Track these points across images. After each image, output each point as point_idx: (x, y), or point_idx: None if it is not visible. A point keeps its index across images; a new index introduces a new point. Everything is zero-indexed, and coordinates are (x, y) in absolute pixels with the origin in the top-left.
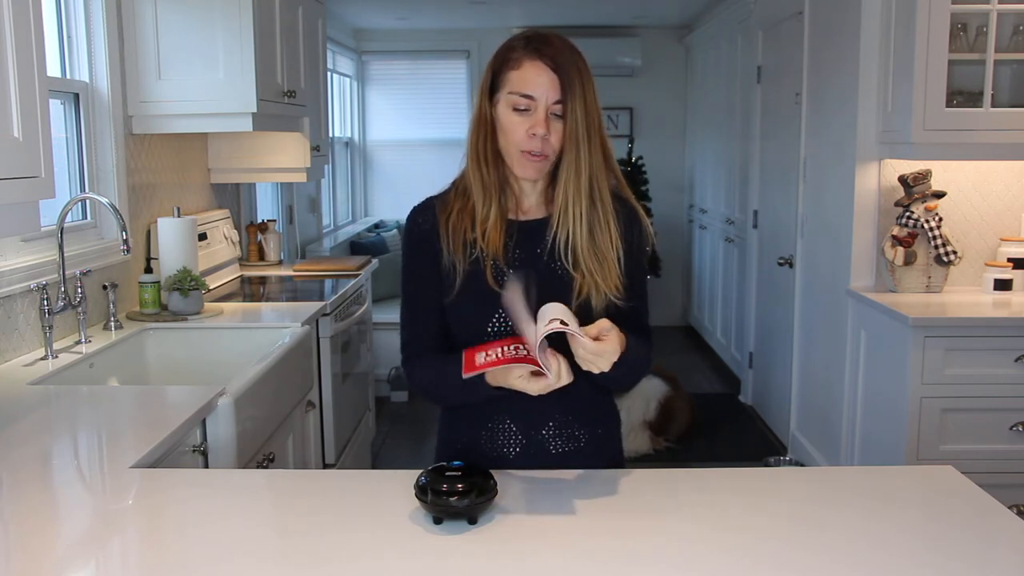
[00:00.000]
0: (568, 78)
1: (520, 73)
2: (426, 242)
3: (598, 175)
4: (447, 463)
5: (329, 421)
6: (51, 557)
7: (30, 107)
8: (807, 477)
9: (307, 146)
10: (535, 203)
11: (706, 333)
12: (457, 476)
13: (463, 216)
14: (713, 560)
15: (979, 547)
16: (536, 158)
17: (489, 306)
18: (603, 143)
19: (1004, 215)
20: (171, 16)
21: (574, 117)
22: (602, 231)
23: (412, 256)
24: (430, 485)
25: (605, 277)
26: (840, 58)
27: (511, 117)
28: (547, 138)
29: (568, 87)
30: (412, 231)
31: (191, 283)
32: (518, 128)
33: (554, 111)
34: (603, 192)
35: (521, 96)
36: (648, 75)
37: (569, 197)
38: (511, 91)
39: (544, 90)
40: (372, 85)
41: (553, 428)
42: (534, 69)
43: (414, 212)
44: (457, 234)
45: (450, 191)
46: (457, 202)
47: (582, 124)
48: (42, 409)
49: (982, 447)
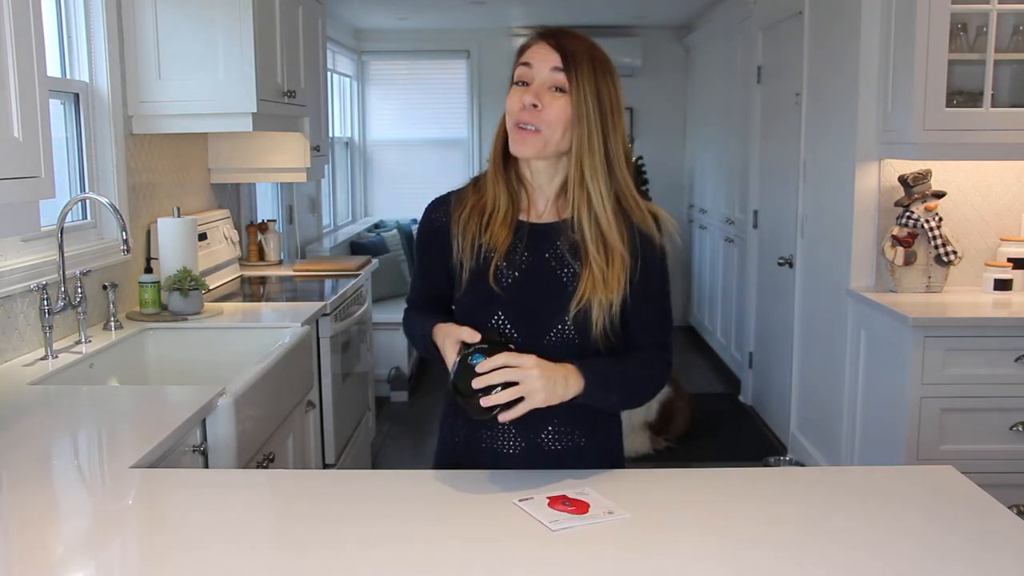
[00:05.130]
0: (572, 55)
1: (525, 54)
2: (441, 235)
3: (619, 163)
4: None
5: (329, 421)
6: (51, 557)
7: (30, 107)
8: (807, 477)
9: (307, 146)
10: (548, 207)
11: (706, 333)
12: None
13: (474, 213)
14: (713, 560)
15: (979, 547)
16: (527, 132)
17: (489, 305)
18: (624, 138)
19: (1004, 215)
20: (171, 16)
21: (582, 94)
22: (617, 226)
23: (425, 246)
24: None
25: (608, 278)
26: (840, 58)
27: (512, 94)
28: (540, 110)
29: (572, 61)
30: (426, 224)
31: (191, 283)
32: (514, 101)
33: (555, 83)
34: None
35: (522, 64)
36: (648, 75)
37: (584, 170)
38: (518, 64)
39: (542, 60)
40: (372, 85)
41: (552, 432)
42: (537, 45)
43: (431, 206)
44: (467, 231)
45: (469, 186)
46: (472, 198)
47: (594, 106)
48: (42, 409)
49: (982, 447)
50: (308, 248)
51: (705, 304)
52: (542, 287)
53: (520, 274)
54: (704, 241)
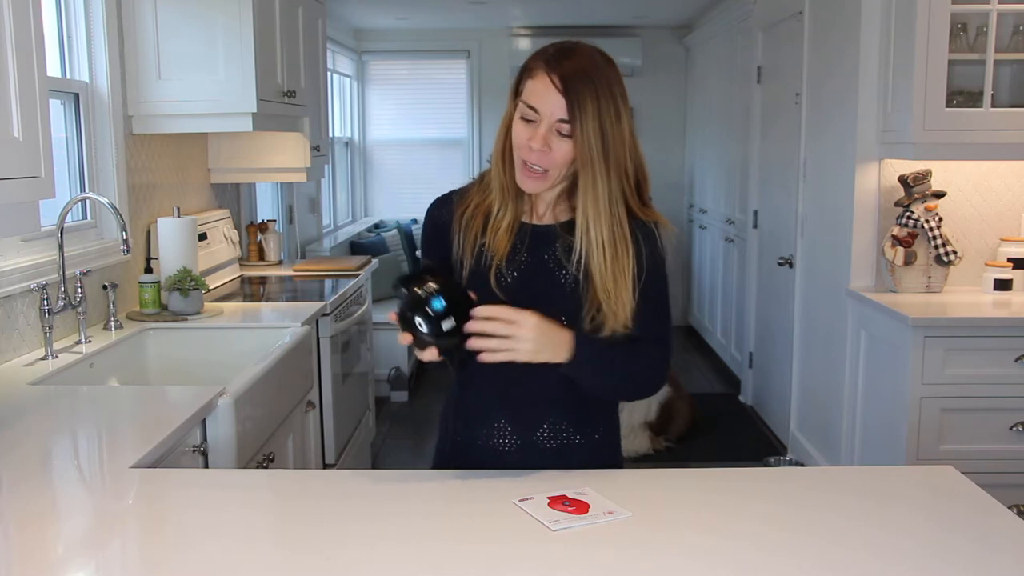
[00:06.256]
0: (578, 99)
1: (533, 84)
2: (442, 233)
3: (616, 201)
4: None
5: (329, 421)
6: (51, 557)
7: (30, 107)
8: (807, 477)
9: (307, 146)
10: (548, 209)
11: (706, 333)
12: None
13: (476, 214)
14: (713, 560)
15: (979, 547)
16: (532, 172)
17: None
18: (626, 165)
19: (1004, 215)
20: (171, 16)
21: (586, 137)
22: (620, 259)
23: (428, 242)
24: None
25: (614, 308)
26: (840, 58)
27: (518, 125)
28: (546, 153)
29: (577, 108)
30: (429, 221)
31: (191, 283)
32: (521, 135)
33: (560, 130)
34: (622, 216)
35: (528, 107)
36: (648, 75)
37: (589, 220)
38: (523, 100)
39: (549, 107)
40: (372, 85)
41: (547, 430)
42: (543, 84)
43: (434, 203)
44: (469, 231)
45: (473, 185)
46: (476, 197)
47: (597, 146)
48: (42, 409)
49: (982, 447)
50: (308, 248)
51: (705, 304)
52: (540, 288)
53: (519, 274)
54: (704, 241)
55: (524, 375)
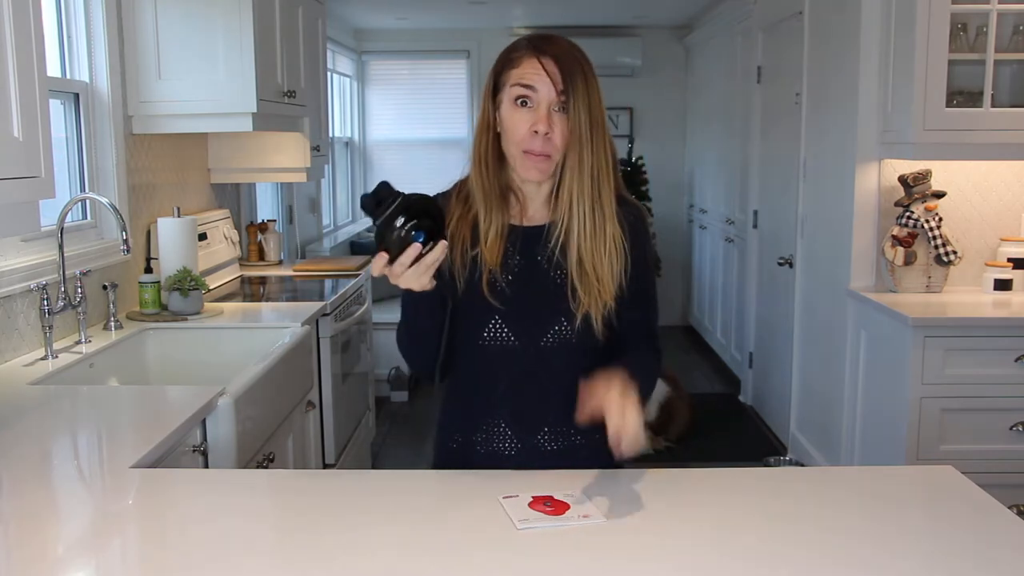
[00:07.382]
0: (571, 73)
1: (521, 70)
2: None
3: (601, 176)
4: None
5: (329, 421)
6: (51, 557)
7: (30, 107)
8: (807, 477)
9: (307, 146)
10: (540, 209)
11: (706, 333)
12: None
13: (462, 225)
14: (713, 560)
15: (979, 547)
16: (538, 158)
17: (484, 315)
18: (607, 145)
19: (1004, 215)
20: (171, 16)
21: (577, 114)
22: (604, 236)
23: None
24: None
25: (603, 287)
26: (840, 58)
27: (513, 114)
28: (550, 136)
29: (571, 82)
30: None
31: (191, 283)
32: (520, 125)
33: (557, 105)
34: (604, 194)
35: (523, 86)
36: (648, 75)
37: (573, 197)
38: (513, 83)
39: (547, 84)
40: (372, 85)
41: (547, 432)
42: (535, 65)
43: None
44: (456, 242)
45: (451, 194)
46: (457, 208)
47: (586, 123)
48: (42, 409)
49: (982, 447)
50: (308, 248)
51: (705, 304)
52: (537, 290)
53: (514, 278)
54: (704, 241)
55: (525, 378)
